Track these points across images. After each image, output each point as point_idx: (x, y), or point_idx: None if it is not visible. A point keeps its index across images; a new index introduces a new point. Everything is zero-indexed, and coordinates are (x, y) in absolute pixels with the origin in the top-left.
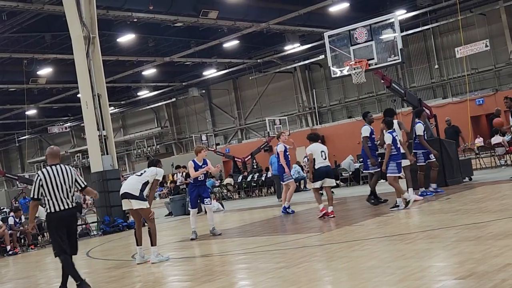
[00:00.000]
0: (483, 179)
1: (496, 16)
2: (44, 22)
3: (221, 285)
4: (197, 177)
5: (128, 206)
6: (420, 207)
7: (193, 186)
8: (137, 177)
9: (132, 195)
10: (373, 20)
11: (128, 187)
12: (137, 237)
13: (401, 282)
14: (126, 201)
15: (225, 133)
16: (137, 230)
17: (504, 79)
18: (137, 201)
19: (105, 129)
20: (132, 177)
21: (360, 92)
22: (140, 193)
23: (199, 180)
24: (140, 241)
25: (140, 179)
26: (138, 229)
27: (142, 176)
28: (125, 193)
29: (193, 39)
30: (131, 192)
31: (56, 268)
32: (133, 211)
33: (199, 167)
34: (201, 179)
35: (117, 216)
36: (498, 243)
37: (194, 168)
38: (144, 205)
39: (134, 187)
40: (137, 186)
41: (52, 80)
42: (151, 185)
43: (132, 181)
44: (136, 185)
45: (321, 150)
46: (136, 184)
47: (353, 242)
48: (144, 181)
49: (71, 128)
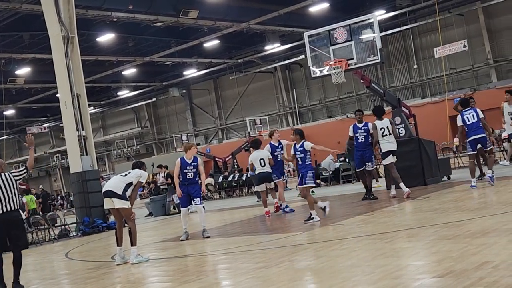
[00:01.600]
0: (462, 178)
1: (474, 17)
2: (22, 21)
3: (201, 285)
4: (186, 175)
5: (110, 205)
6: (400, 206)
7: (182, 185)
8: (121, 177)
9: (115, 193)
10: (352, 20)
11: (111, 185)
12: (118, 237)
13: (380, 281)
14: (108, 200)
15: (206, 133)
16: (118, 230)
17: (482, 78)
18: (119, 200)
19: (84, 129)
20: (116, 176)
21: (340, 92)
22: (123, 193)
23: (188, 179)
24: (120, 241)
25: (124, 179)
26: (119, 230)
27: (127, 177)
28: (108, 191)
29: (173, 38)
30: (114, 190)
31: (35, 270)
32: (114, 210)
33: (187, 165)
34: (190, 178)
35: (97, 217)
36: (476, 241)
37: (180, 166)
38: (126, 205)
39: (117, 185)
40: (120, 185)
41: (31, 80)
42: (133, 187)
43: (116, 180)
44: (119, 184)
45: (260, 158)
46: (119, 183)
47: (333, 241)
48: (128, 182)
49: (50, 128)
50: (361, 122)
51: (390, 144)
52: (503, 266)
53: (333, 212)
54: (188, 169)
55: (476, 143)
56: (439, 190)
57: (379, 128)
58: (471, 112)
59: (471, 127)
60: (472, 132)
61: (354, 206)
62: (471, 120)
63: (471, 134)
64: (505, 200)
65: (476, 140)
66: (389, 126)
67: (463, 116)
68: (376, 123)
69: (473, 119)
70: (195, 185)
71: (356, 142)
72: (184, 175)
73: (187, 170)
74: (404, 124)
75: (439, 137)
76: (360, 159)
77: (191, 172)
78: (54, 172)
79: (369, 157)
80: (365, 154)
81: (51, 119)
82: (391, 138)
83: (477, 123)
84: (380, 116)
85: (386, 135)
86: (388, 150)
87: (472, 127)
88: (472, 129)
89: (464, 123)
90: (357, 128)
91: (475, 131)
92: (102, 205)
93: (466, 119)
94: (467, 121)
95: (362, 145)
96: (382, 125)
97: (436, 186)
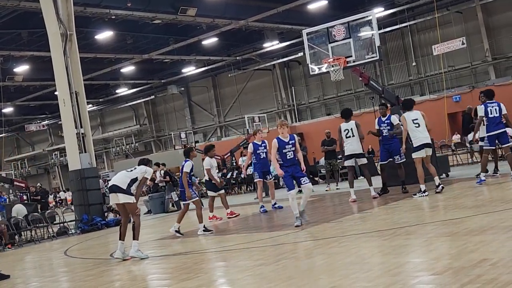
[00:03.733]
0: (460, 176)
1: (472, 14)
2: (21, 19)
3: (200, 283)
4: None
5: (115, 200)
6: (398, 204)
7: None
8: (126, 172)
9: (120, 188)
10: (351, 18)
11: (116, 180)
12: (121, 232)
13: (378, 278)
14: (114, 195)
15: (204, 130)
16: (122, 225)
17: (480, 76)
18: (124, 195)
19: (83, 127)
20: (121, 172)
21: (339, 90)
22: (128, 188)
23: (289, 159)
24: (123, 236)
25: (129, 175)
26: (124, 225)
27: (132, 172)
28: (113, 185)
29: (172, 36)
30: (119, 185)
31: (34, 268)
32: (120, 205)
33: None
34: (290, 158)
35: (96, 215)
36: (474, 238)
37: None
38: (131, 200)
39: (122, 180)
40: (125, 180)
41: (29, 77)
42: (139, 182)
43: (121, 175)
44: (124, 179)
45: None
46: (124, 178)
47: (331, 238)
48: (133, 177)
49: (48, 126)
50: (385, 116)
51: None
52: (501, 264)
53: (331, 209)
54: (287, 148)
55: (495, 138)
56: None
57: (410, 120)
58: (495, 106)
59: (493, 121)
60: (493, 127)
61: (352, 203)
62: (493, 114)
63: (492, 128)
64: (504, 198)
65: (496, 136)
66: (419, 118)
67: (487, 108)
68: (407, 114)
69: (495, 113)
70: (297, 165)
71: (382, 136)
72: (284, 156)
73: (286, 149)
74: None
75: (437, 134)
76: (386, 152)
77: (290, 151)
78: (52, 169)
79: (397, 150)
80: (392, 148)
81: (50, 117)
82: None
83: (498, 118)
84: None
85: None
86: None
87: (494, 121)
88: (493, 123)
89: (486, 115)
90: (381, 122)
91: (496, 126)
92: (101, 202)
93: (489, 111)
94: (489, 114)
95: (386, 138)
96: (415, 117)
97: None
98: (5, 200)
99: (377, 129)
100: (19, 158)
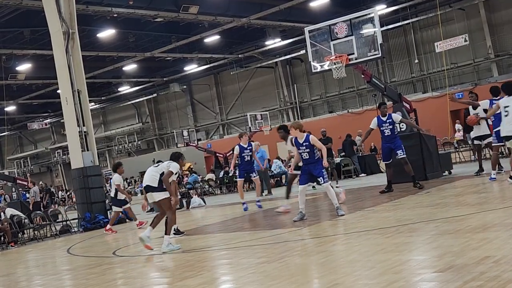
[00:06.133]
0: (462, 173)
1: (475, 11)
2: (23, 17)
3: (203, 280)
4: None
5: (152, 199)
6: (400, 201)
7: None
8: (154, 168)
9: (152, 187)
10: (353, 15)
11: (147, 179)
12: (154, 221)
13: (381, 276)
14: (149, 195)
15: (207, 128)
16: (157, 216)
17: (483, 73)
18: (157, 193)
19: (85, 125)
20: (149, 169)
21: (341, 87)
22: (159, 184)
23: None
24: (155, 225)
25: (157, 170)
26: (159, 217)
27: (158, 167)
28: (146, 186)
29: (174, 34)
30: (151, 184)
31: (37, 266)
32: (156, 202)
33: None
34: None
35: (98, 213)
36: (477, 236)
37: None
38: (165, 195)
39: (152, 178)
40: (155, 177)
41: (32, 76)
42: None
43: (151, 173)
44: (154, 177)
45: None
46: (154, 175)
47: (334, 236)
48: (161, 172)
49: (51, 124)
50: (385, 115)
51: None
52: (504, 261)
53: (334, 207)
54: (301, 149)
55: None
56: (440, 185)
57: (503, 106)
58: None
59: (499, 117)
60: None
61: (355, 201)
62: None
63: (499, 124)
64: (506, 195)
65: None
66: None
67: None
68: (503, 100)
69: None
70: (315, 164)
71: (383, 136)
72: (300, 156)
73: (300, 150)
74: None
75: (440, 131)
76: (387, 151)
77: (305, 152)
78: (55, 168)
79: (399, 146)
80: (394, 145)
81: (52, 115)
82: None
83: None
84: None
85: (507, 115)
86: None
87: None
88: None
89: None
90: (382, 122)
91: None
92: (104, 200)
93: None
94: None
95: (389, 138)
96: (507, 104)
97: (437, 181)
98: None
99: (372, 128)
100: (22, 157)
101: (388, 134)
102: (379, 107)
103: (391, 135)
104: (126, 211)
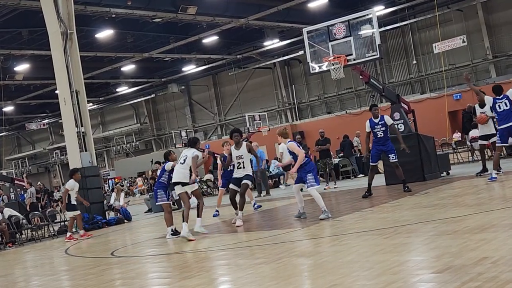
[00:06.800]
0: (461, 174)
1: (473, 12)
2: (21, 17)
3: (201, 281)
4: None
5: (181, 190)
6: (399, 202)
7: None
8: (182, 165)
9: (186, 183)
10: (351, 16)
11: (179, 176)
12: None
13: (379, 277)
14: (180, 187)
15: (205, 129)
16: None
17: (481, 74)
18: (189, 186)
19: (83, 125)
20: (177, 167)
21: (339, 88)
22: (190, 178)
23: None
24: (187, 219)
25: (185, 167)
26: (187, 209)
27: (185, 164)
28: (178, 183)
29: (172, 34)
30: (183, 181)
31: (34, 266)
32: (183, 194)
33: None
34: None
35: (96, 213)
36: (475, 237)
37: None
38: (195, 187)
39: (183, 175)
40: (186, 174)
41: (30, 76)
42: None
43: (181, 170)
44: (185, 173)
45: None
46: (184, 172)
47: (332, 237)
48: (189, 167)
49: (49, 124)
50: (377, 117)
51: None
52: (502, 262)
53: (332, 208)
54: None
55: (507, 133)
56: (438, 186)
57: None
58: (504, 100)
59: (503, 115)
60: (504, 121)
61: (353, 201)
62: (503, 108)
63: (503, 122)
64: (504, 196)
65: (508, 130)
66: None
67: (495, 104)
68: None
69: (505, 107)
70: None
71: (375, 138)
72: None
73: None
74: (403, 120)
75: (438, 132)
76: (378, 153)
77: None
78: (53, 168)
79: (392, 149)
80: (386, 148)
81: (50, 116)
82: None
83: (508, 110)
84: None
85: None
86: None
87: (504, 115)
88: (504, 117)
89: (496, 111)
90: (374, 124)
91: (507, 119)
92: (102, 201)
93: (498, 107)
94: (498, 109)
95: (382, 140)
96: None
97: (435, 182)
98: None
99: (368, 132)
100: (20, 157)
101: (381, 136)
102: (371, 109)
103: (384, 136)
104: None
